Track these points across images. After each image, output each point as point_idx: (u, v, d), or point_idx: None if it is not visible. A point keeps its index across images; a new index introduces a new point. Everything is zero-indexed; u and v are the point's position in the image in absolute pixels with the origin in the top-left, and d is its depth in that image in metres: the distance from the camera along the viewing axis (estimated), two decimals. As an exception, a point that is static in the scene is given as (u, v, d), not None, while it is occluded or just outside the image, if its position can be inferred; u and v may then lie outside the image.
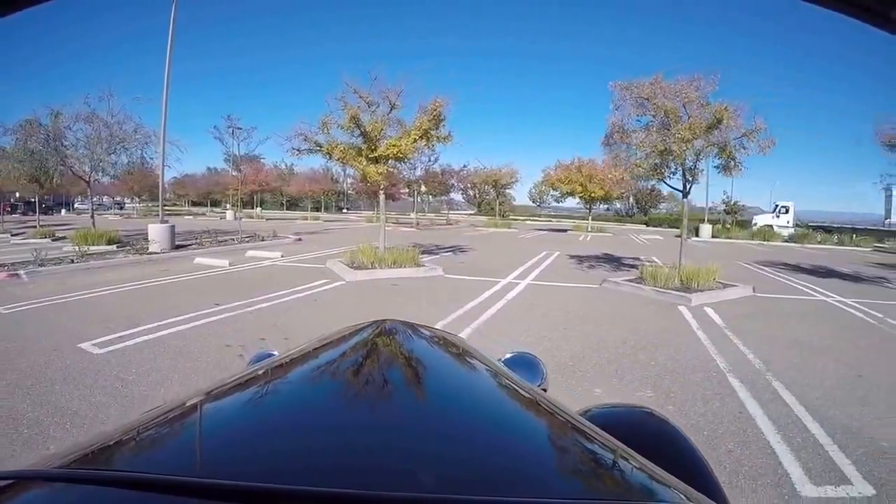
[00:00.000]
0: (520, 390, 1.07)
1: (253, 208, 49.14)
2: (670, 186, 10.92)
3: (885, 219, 39.36)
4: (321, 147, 11.34)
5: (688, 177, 10.28)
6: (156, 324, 6.64)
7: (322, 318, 7.50)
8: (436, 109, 11.21)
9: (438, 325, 6.94)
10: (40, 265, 11.21)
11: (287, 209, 59.43)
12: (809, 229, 39.43)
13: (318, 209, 52.88)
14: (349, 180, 59.02)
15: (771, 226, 39.39)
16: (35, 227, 21.59)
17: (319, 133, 11.27)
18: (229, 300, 8.31)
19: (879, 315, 8.87)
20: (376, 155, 11.21)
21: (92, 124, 16.42)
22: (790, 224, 40.65)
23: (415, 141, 11.21)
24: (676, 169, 10.32)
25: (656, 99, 9.46)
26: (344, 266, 11.90)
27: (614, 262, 15.48)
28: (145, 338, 6.06)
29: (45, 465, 0.71)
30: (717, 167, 10.38)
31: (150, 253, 14.16)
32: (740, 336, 6.96)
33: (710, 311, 8.61)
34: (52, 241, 18.25)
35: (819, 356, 6.19)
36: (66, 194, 42.95)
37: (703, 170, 11.19)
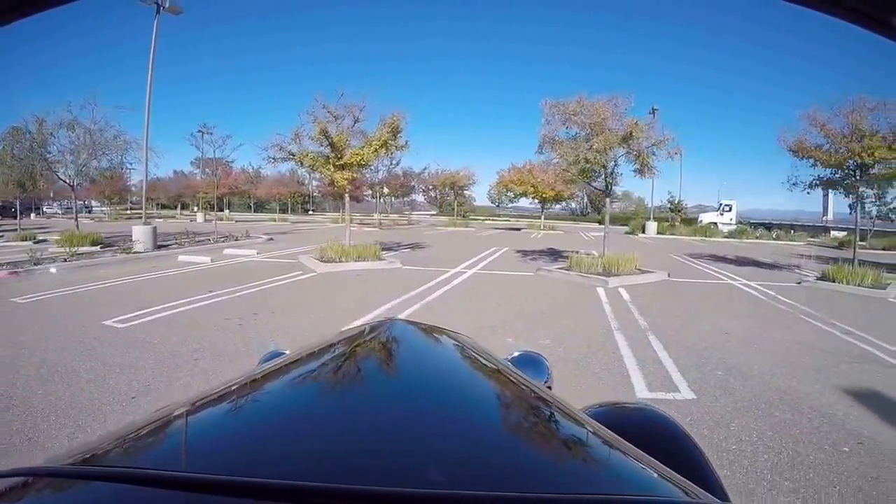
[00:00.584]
0: (526, 388, 1.09)
1: (221, 210, 49.73)
2: (593, 187, 12.71)
3: (823, 216, 42.31)
4: (294, 156, 12.81)
5: (608, 179, 12.07)
6: (162, 306, 7.89)
7: (299, 300, 8.91)
8: (394, 122, 12.80)
9: (392, 304, 8.53)
10: (36, 264, 12.09)
11: (254, 211, 60.09)
12: (750, 226, 42.28)
13: (284, 211, 53.75)
14: (315, 183, 60.37)
15: (715, 223, 42.06)
16: (15, 230, 21.90)
17: (292, 143, 12.73)
18: (219, 288, 9.59)
19: (771, 293, 10.75)
20: (342, 163, 12.68)
21: (74, 131, 17.08)
22: (733, 221, 43.42)
23: (376, 150, 12.77)
24: (600, 173, 12.10)
25: (577, 116, 11.23)
26: (314, 260, 13.32)
27: (555, 254, 17.19)
28: (157, 316, 7.34)
29: (57, 462, 0.72)
30: (634, 171, 12.20)
31: (135, 252, 15.11)
32: (639, 308, 8.65)
33: (622, 290, 10.33)
34: (35, 243, 18.47)
35: (699, 321, 7.88)
36: (36, 198, 42.76)
37: (621, 173, 13.05)
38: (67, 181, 18.14)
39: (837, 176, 13.81)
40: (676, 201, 48.28)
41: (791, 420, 4.16)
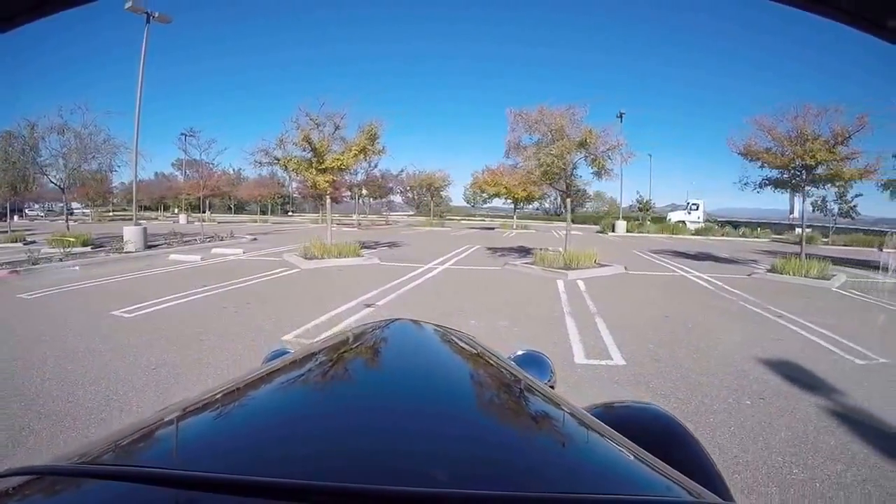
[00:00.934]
0: (530, 387, 1.10)
1: (202, 212, 50.05)
2: (556, 188, 13.80)
3: (790, 214, 43.11)
4: (279, 160, 13.70)
5: (568, 181, 13.17)
6: (163, 299, 8.68)
7: (286, 292, 9.73)
8: (372, 129, 13.78)
9: (370, 294, 9.42)
10: (34, 264, 12.62)
11: (234, 212, 60.39)
12: (718, 224, 43.90)
13: (264, 212, 54.21)
14: (294, 185, 61.04)
15: (683, 221, 43.57)
16: (6, 232, 22.27)
17: (277, 149, 13.62)
18: (213, 283, 10.38)
19: (719, 283, 11.85)
20: (324, 167, 13.57)
21: (64, 135, 17.47)
22: (700, 220, 44.97)
23: (355, 155, 13.71)
24: (561, 175, 13.17)
25: (538, 124, 12.30)
26: (298, 257, 14.18)
27: (524, 251, 18.16)
28: (160, 307, 8.12)
29: (60, 461, 0.72)
30: (592, 173, 13.29)
31: (127, 252, 15.69)
32: (592, 296, 9.66)
33: (580, 282, 11.34)
34: (24, 244, 18.95)
35: (644, 307, 8.91)
36: (19, 201, 42.53)
37: (581, 176, 14.16)
38: (58, 184, 18.54)
39: (785, 176, 15.02)
40: (645, 201, 50.25)
41: (705, 381, 5.03)
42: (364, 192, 44.98)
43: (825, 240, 35.24)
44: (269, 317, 7.52)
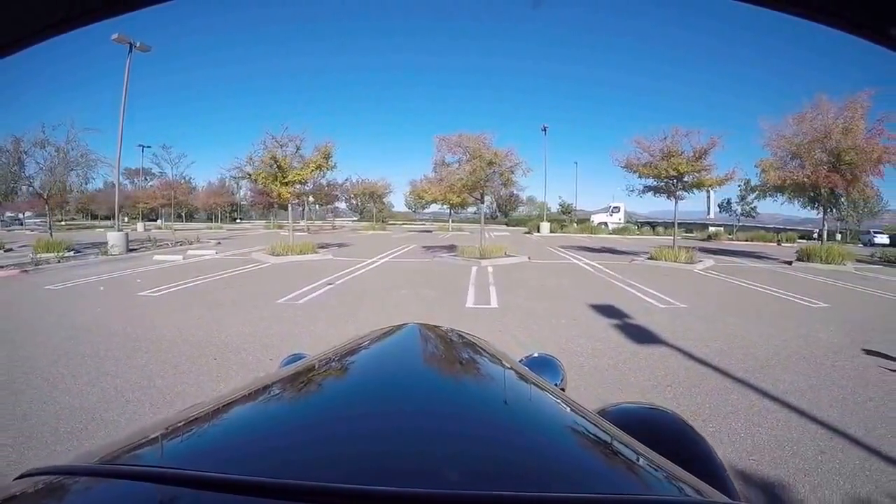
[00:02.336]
0: (541, 390, 1.10)
1: (154, 220, 51.07)
2: (474, 198, 17.19)
3: (707, 214, 46.96)
4: (250, 175, 16.49)
5: (482, 191, 16.56)
6: (172, 284, 11.08)
7: (263, 278, 12.36)
8: (326, 149, 16.75)
9: (330, 278, 12.21)
10: (37, 265, 14.41)
11: (185, 220, 61.16)
12: (638, 225, 48.58)
13: (211, 219, 55.50)
14: (242, 192, 62.78)
15: (605, 223, 48.04)
16: None
17: (247, 165, 16.40)
18: (205, 274, 12.82)
19: (600, 267, 15.37)
20: (287, 180, 16.39)
21: (45, 149, 18.86)
22: (621, 221, 49.54)
23: (312, 171, 16.61)
24: (476, 186, 16.51)
25: (458, 147, 15.61)
26: (266, 255, 16.84)
27: (451, 248, 21.49)
28: (175, 289, 10.55)
29: (84, 461, 0.73)
30: (500, 184, 16.67)
31: (112, 255, 17.58)
32: (493, 275, 12.84)
33: (489, 267, 14.56)
34: (4, 251, 19.65)
35: (529, 281, 12.13)
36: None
37: (501, 184, 17.56)
38: (42, 194, 19.94)
39: (661, 184, 18.67)
40: (567, 205, 55.36)
41: (543, 315, 8.20)
42: (311, 199, 47.37)
43: (730, 236, 40.40)
44: (264, 291, 10.15)
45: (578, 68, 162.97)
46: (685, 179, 17.62)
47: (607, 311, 8.39)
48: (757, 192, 29.18)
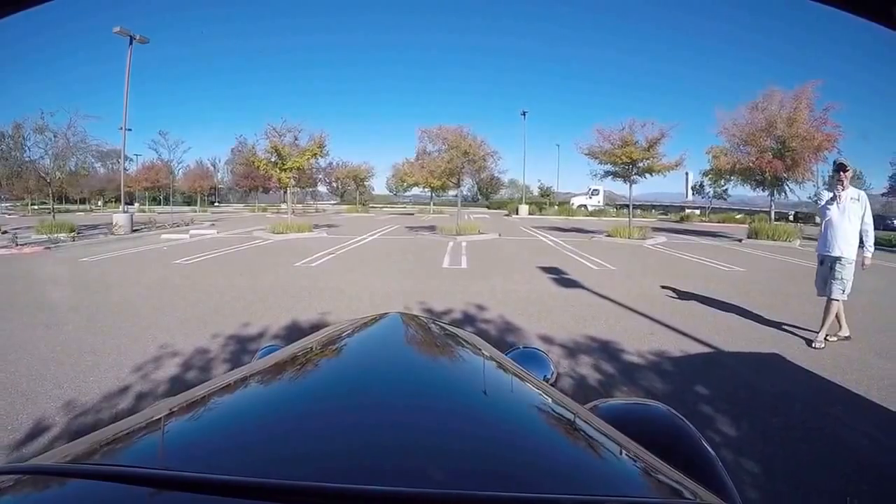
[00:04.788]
0: (529, 385, 1.09)
1: (131, 203, 52.53)
2: (452, 184, 19.92)
3: (686, 197, 48.30)
4: (253, 162, 19.01)
5: (459, 177, 19.28)
6: (196, 256, 13.40)
7: (274, 251, 14.75)
8: (320, 139, 19.36)
9: (329, 250, 14.77)
10: (54, 243, 16.10)
11: (162, 204, 62.60)
12: (616, 207, 51.21)
13: (189, 203, 57.05)
14: (219, 175, 64.78)
15: (585, 205, 50.57)
16: None
17: (251, 153, 18.92)
18: (217, 249, 15.13)
19: (561, 243, 18.07)
20: (286, 167, 18.94)
21: (44, 134, 20.25)
22: (600, 203, 52.08)
23: (308, 159, 19.17)
24: (455, 172, 19.23)
25: (438, 138, 18.27)
26: (266, 233, 19.38)
27: (431, 227, 24.08)
28: (202, 258, 12.90)
29: (48, 460, 0.74)
30: (475, 171, 19.36)
31: (119, 235, 19.46)
32: (466, 248, 15.54)
33: (464, 242, 17.28)
34: (3, 234, 19.65)
35: (497, 252, 14.86)
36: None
37: (474, 171, 20.29)
38: (45, 176, 21.66)
39: (618, 169, 21.20)
40: (546, 188, 58.52)
41: (505, 273, 10.94)
42: (292, 182, 49.56)
43: (703, 218, 43.36)
44: (279, 261, 12.57)
45: (565, 50, 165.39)
46: (639, 165, 19.97)
47: (551, 270, 11.12)
48: (710, 176, 32.03)
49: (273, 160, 19.10)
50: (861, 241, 5.59)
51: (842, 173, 5.50)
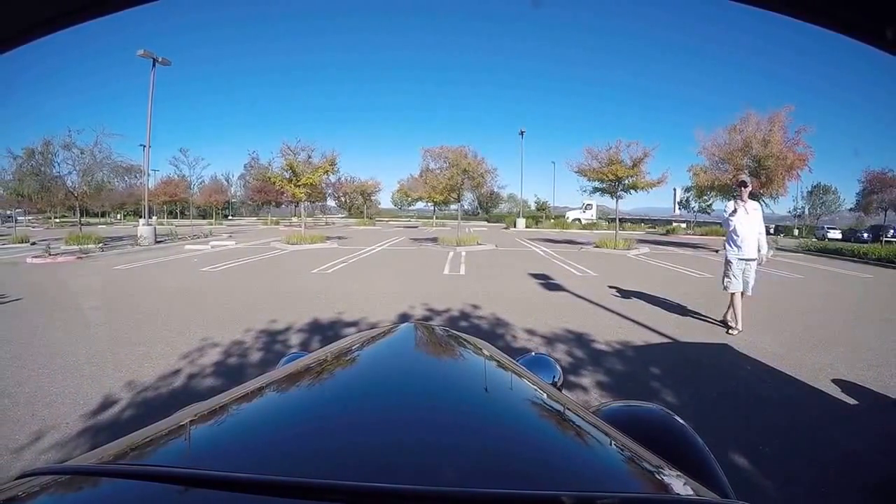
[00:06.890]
0: (538, 389, 1.12)
1: (149, 217, 53.72)
2: (453, 198, 20.97)
3: (674, 212, 48.67)
4: (269, 178, 20.10)
5: (459, 192, 20.32)
6: (222, 264, 14.30)
7: (291, 260, 15.64)
8: (332, 158, 20.43)
9: (343, 258, 15.76)
10: (85, 253, 16.79)
11: (178, 217, 63.81)
12: (607, 220, 52.33)
13: (203, 217, 58.16)
14: (232, 189, 66.21)
15: (579, 219, 51.88)
16: (11, 235, 25.33)
17: (268, 170, 20.05)
18: (241, 258, 16.08)
19: (552, 253, 18.96)
20: (300, 183, 20.02)
21: (71, 151, 20.67)
22: (593, 217, 53.42)
23: (320, 175, 20.25)
24: (455, 188, 20.27)
25: (440, 157, 19.33)
26: (282, 244, 20.38)
27: (434, 239, 25.18)
28: (227, 266, 13.81)
29: (86, 460, 0.75)
30: (473, 187, 20.41)
31: (144, 245, 20.30)
32: (465, 257, 16.45)
33: (463, 253, 18.21)
34: (31, 245, 21.28)
35: (492, 261, 15.75)
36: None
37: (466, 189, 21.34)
38: (73, 192, 22.07)
39: (605, 186, 22.11)
40: (542, 202, 59.78)
41: (497, 277, 11.86)
42: (303, 196, 50.89)
43: (688, 231, 44.46)
44: (297, 268, 13.47)
45: (563, 72, 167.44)
46: (624, 182, 20.87)
47: (539, 276, 12.07)
48: (691, 192, 33.03)
49: (288, 176, 20.15)
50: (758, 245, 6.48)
51: (742, 189, 6.36)
